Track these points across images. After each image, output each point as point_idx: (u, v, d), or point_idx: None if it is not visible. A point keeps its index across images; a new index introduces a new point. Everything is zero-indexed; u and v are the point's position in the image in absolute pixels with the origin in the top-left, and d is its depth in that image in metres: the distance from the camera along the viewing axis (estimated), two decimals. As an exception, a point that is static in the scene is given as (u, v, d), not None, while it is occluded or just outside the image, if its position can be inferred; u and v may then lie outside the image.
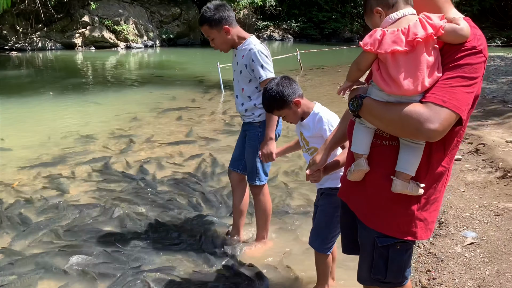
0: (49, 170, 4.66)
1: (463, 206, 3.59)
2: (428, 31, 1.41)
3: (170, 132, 6.36)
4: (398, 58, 1.43)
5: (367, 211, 1.70)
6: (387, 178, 1.60)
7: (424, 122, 1.40)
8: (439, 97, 1.41)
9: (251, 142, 2.96)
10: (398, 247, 1.68)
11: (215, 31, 2.80)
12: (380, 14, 1.55)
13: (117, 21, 20.86)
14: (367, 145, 1.64)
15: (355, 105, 1.58)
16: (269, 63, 2.80)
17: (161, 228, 3.47)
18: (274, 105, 2.31)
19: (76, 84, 11.05)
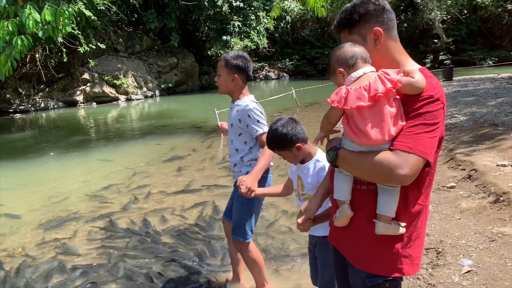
0: (52, 233, 4.76)
1: (459, 234, 3.66)
2: (387, 86, 1.55)
3: (171, 182, 6.50)
4: (363, 112, 1.58)
5: (355, 253, 1.80)
6: (369, 220, 1.70)
7: (394, 169, 1.52)
8: (406, 144, 1.54)
9: (239, 198, 3.03)
10: (387, 286, 1.75)
11: (226, 71, 2.95)
12: (343, 74, 1.70)
13: (116, 75, 21.47)
14: (348, 191, 1.75)
15: (332, 156, 1.71)
16: (263, 119, 2.93)
17: (165, 281, 3.55)
18: (275, 145, 2.36)
19: (78, 142, 11.31)
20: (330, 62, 1.75)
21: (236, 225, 3.05)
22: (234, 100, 3.06)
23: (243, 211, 3.01)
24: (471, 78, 17.23)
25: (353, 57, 1.68)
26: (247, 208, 3.01)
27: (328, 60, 1.79)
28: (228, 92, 3.05)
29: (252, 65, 3.08)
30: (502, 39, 34.82)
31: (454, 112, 8.87)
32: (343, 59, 1.69)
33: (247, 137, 2.97)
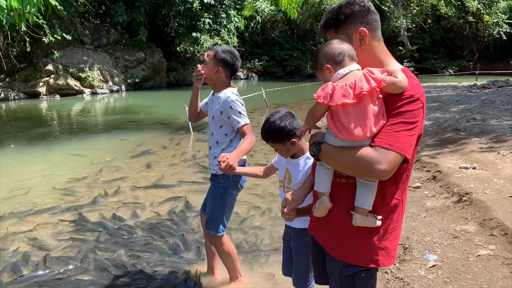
0: (16, 225, 4.62)
1: (425, 231, 3.83)
2: (372, 85, 1.61)
3: (141, 177, 6.43)
4: (348, 109, 1.64)
5: (333, 243, 1.87)
6: (348, 212, 1.78)
7: (374, 164, 1.60)
8: (386, 141, 1.61)
9: (213, 191, 3.07)
10: (363, 275, 1.84)
11: (212, 62, 2.99)
12: (330, 70, 1.76)
13: (81, 68, 20.93)
14: (328, 184, 1.82)
15: (314, 150, 1.78)
16: (244, 111, 2.98)
17: (138, 273, 3.53)
18: (270, 138, 2.37)
19: (40, 134, 10.94)
20: (318, 57, 1.81)
21: (209, 218, 3.08)
22: (215, 92, 3.10)
23: (216, 205, 3.04)
24: (434, 85, 17.89)
25: (340, 54, 1.73)
26: (219, 202, 3.04)
27: (316, 56, 1.85)
28: (210, 83, 3.09)
29: (240, 63, 3.11)
30: (462, 50, 36.31)
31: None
32: (331, 56, 1.75)
33: (227, 129, 3.01)
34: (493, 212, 3.77)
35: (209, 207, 3.07)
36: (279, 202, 5.12)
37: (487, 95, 11.79)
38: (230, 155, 2.63)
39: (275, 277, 3.47)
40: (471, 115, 8.80)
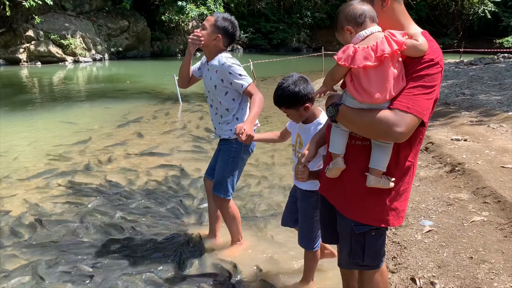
0: (9, 189, 4.57)
1: (419, 199, 3.93)
2: (393, 48, 1.61)
3: (132, 145, 6.38)
4: (369, 71, 1.64)
5: (345, 203, 1.91)
6: (361, 173, 1.82)
7: (392, 126, 1.62)
8: (404, 104, 1.63)
9: (224, 156, 3.08)
10: (373, 234, 1.90)
11: (212, 28, 2.93)
12: (350, 31, 1.75)
13: (63, 35, 20.35)
14: (343, 145, 1.85)
15: (332, 112, 1.78)
16: (243, 71, 2.94)
17: (138, 236, 3.56)
18: (284, 103, 2.34)
19: (24, 101, 10.69)
20: (339, 18, 1.79)
21: (218, 181, 3.10)
22: (208, 59, 3.04)
23: (227, 169, 3.06)
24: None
25: (362, 15, 1.72)
26: (231, 166, 3.06)
27: (336, 16, 1.82)
28: (206, 49, 3.01)
29: (238, 34, 3.06)
30: (447, 27, 36.49)
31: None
32: (352, 17, 1.73)
33: (234, 94, 2.99)
34: (485, 181, 3.89)
35: (220, 170, 3.08)
36: (274, 171, 5.18)
37: (475, 71, 11.95)
38: (246, 125, 2.64)
39: (274, 240, 3.54)
40: (460, 90, 8.94)
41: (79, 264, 3.09)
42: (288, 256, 3.26)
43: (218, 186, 3.10)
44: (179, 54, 27.56)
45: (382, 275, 2.06)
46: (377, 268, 2.01)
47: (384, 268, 2.09)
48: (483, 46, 26.94)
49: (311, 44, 35.66)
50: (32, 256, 3.23)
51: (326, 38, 35.38)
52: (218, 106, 3.07)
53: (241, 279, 3.00)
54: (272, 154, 5.78)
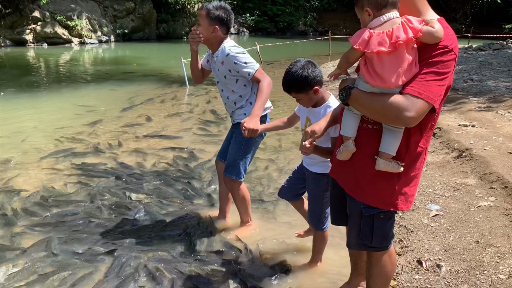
0: (23, 169, 4.65)
1: (426, 184, 3.97)
2: (409, 35, 1.64)
3: (141, 128, 6.43)
4: (383, 56, 1.67)
5: (355, 186, 1.96)
6: (371, 157, 1.86)
7: (402, 111, 1.66)
8: (416, 90, 1.66)
9: (237, 138, 3.13)
10: (382, 216, 1.95)
11: (207, 22, 2.92)
12: (369, 13, 1.75)
13: (69, 16, 20.28)
14: (355, 129, 1.88)
15: (345, 95, 1.82)
16: (248, 57, 2.95)
17: (149, 216, 3.63)
18: (293, 88, 2.36)
19: (30, 83, 10.75)
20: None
21: (231, 163, 3.15)
22: (213, 51, 3.06)
23: (240, 151, 3.11)
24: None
25: (384, 0, 1.71)
26: (244, 149, 3.11)
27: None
28: (207, 43, 3.02)
29: (233, 17, 3.06)
30: (456, 12, 35.95)
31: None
32: (373, 0, 1.73)
33: (244, 80, 3.02)
34: (493, 167, 3.91)
35: (233, 153, 3.13)
36: (283, 154, 5.22)
37: (484, 57, 11.83)
38: (249, 121, 2.72)
39: (282, 221, 3.60)
40: (468, 76, 8.89)
41: (90, 243, 3.17)
42: (296, 238, 3.32)
43: (230, 168, 3.16)
44: (184, 37, 27.40)
45: (390, 256, 2.11)
46: (385, 250, 2.06)
47: (393, 250, 2.15)
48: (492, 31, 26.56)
49: (318, 28, 35.32)
50: (45, 235, 3.30)
51: (333, 22, 35.04)
52: (230, 94, 3.10)
53: (249, 259, 3.06)
54: (279, 138, 5.81)
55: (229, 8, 3.01)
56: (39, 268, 2.87)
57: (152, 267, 2.87)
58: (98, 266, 2.91)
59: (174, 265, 2.91)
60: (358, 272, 2.53)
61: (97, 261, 2.96)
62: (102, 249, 3.11)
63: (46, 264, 2.92)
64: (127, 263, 2.90)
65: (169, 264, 2.92)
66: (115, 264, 2.89)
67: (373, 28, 1.73)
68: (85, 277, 2.77)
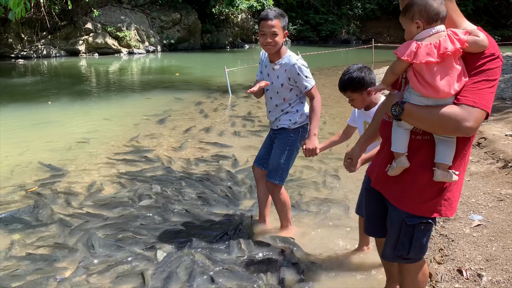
0: (81, 170, 4.98)
1: (469, 194, 3.92)
2: (456, 46, 1.69)
3: (184, 135, 6.68)
4: (432, 67, 1.72)
5: (400, 195, 1.96)
6: (420, 167, 1.88)
7: (461, 121, 1.68)
8: (471, 99, 1.69)
9: (280, 144, 3.24)
10: (422, 227, 1.96)
11: (281, 31, 3.02)
12: (419, 26, 1.79)
13: (119, 27, 21.20)
14: (406, 144, 1.89)
15: (398, 111, 1.83)
16: (309, 73, 3.10)
17: (192, 218, 3.79)
18: (350, 86, 2.54)
19: (81, 91, 11.34)
20: (412, 9, 1.80)
21: (274, 168, 3.26)
22: (275, 60, 3.13)
23: (283, 156, 3.22)
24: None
25: (436, 15, 1.76)
26: (287, 154, 3.22)
27: (409, 4, 1.82)
28: (277, 49, 3.08)
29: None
30: (507, 18, 34.59)
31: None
32: (426, 13, 1.76)
33: (297, 91, 3.16)
34: (540, 178, 3.82)
35: (275, 158, 3.25)
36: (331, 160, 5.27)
37: (535, 66, 11.37)
38: (308, 142, 3.01)
39: (323, 227, 3.66)
40: (517, 85, 8.60)
41: (135, 243, 3.36)
42: (337, 244, 3.37)
43: (273, 172, 3.26)
44: (228, 46, 27.93)
45: (422, 267, 2.14)
46: (419, 261, 2.09)
47: (424, 261, 2.16)
48: (546, 38, 25.35)
49: (361, 36, 34.97)
50: (91, 234, 3.50)
51: (377, 30, 34.57)
52: (280, 102, 3.22)
53: (288, 263, 3.14)
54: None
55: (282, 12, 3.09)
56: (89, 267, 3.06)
57: (192, 265, 3.00)
58: (141, 265, 3.06)
59: (213, 264, 3.04)
60: (394, 279, 2.56)
61: (140, 260, 3.12)
62: (140, 250, 3.26)
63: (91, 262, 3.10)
64: (170, 261, 3.05)
65: (208, 263, 3.05)
66: (159, 262, 3.06)
67: (420, 40, 1.77)
68: (129, 275, 2.92)
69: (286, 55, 3.11)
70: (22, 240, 3.43)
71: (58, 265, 3.07)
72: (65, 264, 3.09)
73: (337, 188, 4.49)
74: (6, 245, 3.35)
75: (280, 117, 3.24)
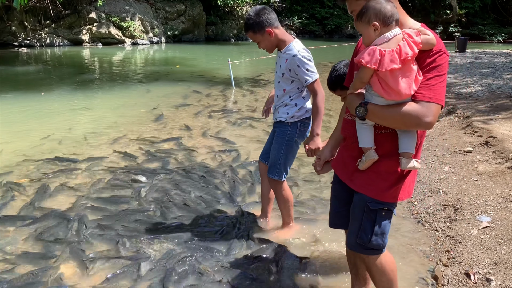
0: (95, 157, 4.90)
1: (477, 194, 3.82)
2: (415, 50, 1.78)
3: (191, 126, 6.59)
4: (395, 72, 1.79)
5: (365, 182, 2.04)
6: (384, 157, 1.98)
7: (421, 117, 1.81)
8: (427, 95, 1.82)
9: (278, 139, 3.15)
10: (384, 214, 2.05)
11: (259, 35, 2.97)
12: (376, 28, 1.84)
13: (123, 17, 21.06)
14: (372, 138, 1.98)
15: (362, 112, 1.91)
16: (312, 65, 2.96)
17: (195, 213, 3.70)
18: (339, 84, 2.48)
19: (87, 80, 11.26)
20: (368, 13, 1.85)
21: (273, 164, 3.18)
22: (280, 49, 3.08)
23: (281, 152, 3.13)
24: (484, 52, 17.12)
25: (391, 17, 1.82)
26: (285, 149, 3.12)
27: (364, 9, 1.86)
28: (275, 46, 3.06)
29: (272, 11, 3.03)
30: (515, 16, 34.24)
31: (470, 82, 8.91)
32: (382, 16, 1.82)
33: (299, 84, 3.04)
34: (551, 179, 3.70)
35: (274, 153, 3.16)
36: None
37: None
38: (311, 142, 2.91)
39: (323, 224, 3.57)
40: (526, 83, 8.46)
41: (135, 237, 3.29)
42: (339, 243, 3.29)
43: (272, 168, 3.19)
44: (232, 39, 27.75)
45: (386, 256, 2.16)
46: (381, 253, 2.13)
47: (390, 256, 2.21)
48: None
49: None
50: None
51: (383, 25, 34.33)
52: (280, 94, 3.13)
53: (289, 260, 3.06)
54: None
55: (262, 8, 3.01)
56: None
57: (191, 261, 2.94)
58: (139, 260, 2.98)
59: (213, 260, 2.98)
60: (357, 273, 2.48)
61: (137, 256, 3.05)
62: (142, 244, 3.20)
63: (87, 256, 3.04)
64: (168, 257, 2.99)
65: (208, 259, 2.99)
66: (156, 258, 2.99)
67: (379, 44, 1.83)
68: (127, 271, 2.85)
69: (291, 45, 3.00)
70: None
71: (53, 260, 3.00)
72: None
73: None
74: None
75: (279, 109, 3.14)
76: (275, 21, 3.00)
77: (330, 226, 2.41)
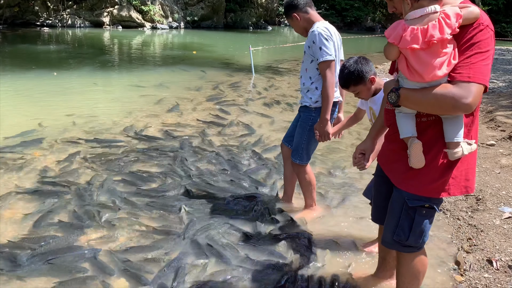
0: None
1: (499, 186, 3.83)
2: (444, 35, 1.60)
3: (208, 110, 6.66)
4: (417, 52, 1.64)
5: (405, 176, 1.89)
6: (427, 147, 1.80)
7: (459, 99, 1.61)
8: (465, 75, 1.62)
9: (302, 124, 3.18)
10: (424, 212, 1.89)
11: (290, 20, 3.14)
12: (408, 3, 1.68)
13: (144, 1, 21.13)
14: (413, 127, 1.82)
15: (394, 98, 1.77)
16: (328, 45, 2.92)
17: (216, 193, 3.77)
18: (351, 81, 2.49)
19: (104, 61, 11.37)
20: None
21: (296, 148, 3.23)
22: (308, 30, 3.12)
23: (304, 136, 3.16)
24: (507, 49, 16.87)
25: None
26: (308, 134, 3.15)
27: None
28: (303, 29, 3.13)
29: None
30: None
31: (493, 78, 8.83)
32: None
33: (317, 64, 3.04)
34: None
35: (297, 137, 3.20)
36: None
37: None
38: (319, 126, 2.98)
39: (346, 207, 3.62)
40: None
41: (161, 214, 3.39)
42: (360, 224, 3.34)
43: (294, 152, 3.23)
44: (251, 27, 27.66)
45: (421, 257, 2.05)
46: (418, 250, 2.01)
47: (425, 253, 2.08)
48: None
49: (386, 24, 34.27)
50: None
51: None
52: (303, 74, 3.16)
53: (311, 241, 3.11)
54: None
55: None
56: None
57: (215, 240, 3.01)
58: (164, 237, 3.06)
59: (236, 240, 3.05)
60: (385, 268, 2.50)
61: (161, 232, 3.12)
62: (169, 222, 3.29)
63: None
64: (193, 235, 3.06)
65: (231, 239, 3.06)
66: (181, 235, 3.06)
67: (409, 20, 1.68)
68: (154, 246, 2.93)
69: (315, 24, 3.03)
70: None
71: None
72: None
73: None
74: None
75: (303, 94, 3.18)
76: (304, 6, 3.05)
77: (372, 220, 2.33)
